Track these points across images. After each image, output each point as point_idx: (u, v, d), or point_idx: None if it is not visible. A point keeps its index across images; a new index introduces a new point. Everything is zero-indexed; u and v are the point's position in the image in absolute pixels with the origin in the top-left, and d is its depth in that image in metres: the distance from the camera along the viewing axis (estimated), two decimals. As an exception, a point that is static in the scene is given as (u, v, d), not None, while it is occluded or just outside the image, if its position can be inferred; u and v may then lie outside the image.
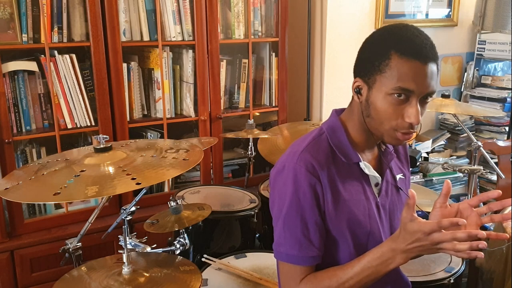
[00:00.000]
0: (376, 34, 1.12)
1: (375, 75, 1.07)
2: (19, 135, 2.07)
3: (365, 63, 1.10)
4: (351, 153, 1.15)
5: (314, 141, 1.14)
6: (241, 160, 2.71)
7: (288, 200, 1.09)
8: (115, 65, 2.16)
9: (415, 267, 1.64)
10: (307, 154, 1.10)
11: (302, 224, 1.09)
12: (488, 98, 3.19)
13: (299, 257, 1.10)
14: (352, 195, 1.14)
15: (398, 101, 1.04)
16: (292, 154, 1.12)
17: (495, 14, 3.09)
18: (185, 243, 1.67)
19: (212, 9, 2.32)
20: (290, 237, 1.10)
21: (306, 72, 2.79)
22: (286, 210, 1.10)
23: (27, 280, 2.09)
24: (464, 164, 2.92)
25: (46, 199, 1.25)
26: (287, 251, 1.11)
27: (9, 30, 1.96)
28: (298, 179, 1.08)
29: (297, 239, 1.10)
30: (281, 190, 1.11)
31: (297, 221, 1.09)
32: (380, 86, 1.06)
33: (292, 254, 1.10)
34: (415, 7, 3.00)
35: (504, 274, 1.94)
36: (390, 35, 1.07)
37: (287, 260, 1.12)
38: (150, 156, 1.37)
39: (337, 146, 1.14)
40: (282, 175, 1.12)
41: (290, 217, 1.10)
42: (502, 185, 2.48)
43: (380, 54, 1.06)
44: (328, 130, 1.17)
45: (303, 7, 2.74)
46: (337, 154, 1.14)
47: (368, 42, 1.12)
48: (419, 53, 1.03)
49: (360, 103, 1.12)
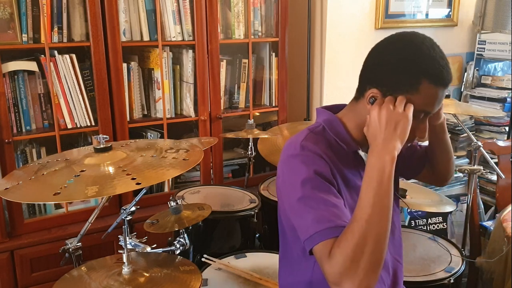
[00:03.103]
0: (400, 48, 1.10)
1: (399, 93, 1.08)
2: (19, 135, 2.07)
3: (388, 78, 1.09)
4: (350, 142, 1.18)
5: (311, 132, 1.16)
6: (241, 160, 2.71)
7: (300, 183, 1.05)
8: (115, 65, 2.16)
9: (415, 267, 1.64)
10: (309, 142, 1.11)
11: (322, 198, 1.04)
12: (488, 98, 3.18)
13: (331, 228, 1.01)
14: (351, 182, 1.16)
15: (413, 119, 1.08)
16: (293, 145, 1.12)
17: (495, 14, 3.09)
18: (185, 243, 1.67)
19: (212, 9, 2.32)
20: (316, 214, 1.03)
21: (306, 72, 2.79)
22: (302, 193, 1.05)
23: (27, 280, 2.09)
24: (464, 164, 2.92)
25: (46, 199, 1.25)
26: (317, 228, 1.01)
27: (9, 30, 1.96)
28: (307, 160, 1.08)
29: (322, 212, 1.03)
30: (292, 179, 1.08)
31: (316, 197, 1.04)
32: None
33: (323, 229, 1.01)
34: (415, 7, 3.00)
35: (504, 274, 1.94)
36: (420, 57, 1.07)
37: (321, 238, 1.01)
38: (150, 156, 1.37)
39: (336, 135, 1.17)
40: (289, 163, 1.10)
41: (308, 196, 1.04)
42: (502, 185, 2.48)
43: (409, 76, 1.07)
44: (326, 122, 1.19)
45: (303, 7, 2.74)
46: (336, 143, 1.16)
47: (393, 56, 1.09)
48: (447, 81, 1.08)
49: None
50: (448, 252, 1.77)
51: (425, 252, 1.77)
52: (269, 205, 2.12)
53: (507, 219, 1.94)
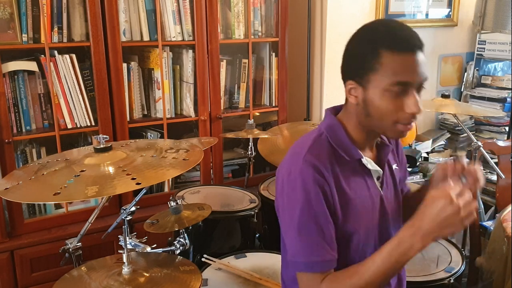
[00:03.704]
0: (358, 35, 1.12)
1: (368, 75, 1.07)
2: (19, 135, 2.07)
3: (354, 65, 1.11)
4: (353, 150, 1.15)
5: (315, 142, 1.14)
6: (241, 160, 2.71)
7: (299, 207, 1.07)
8: (115, 65, 2.15)
9: (415, 267, 1.64)
10: (311, 156, 1.09)
11: (317, 228, 1.06)
12: (488, 98, 3.18)
13: (319, 262, 1.06)
14: (357, 193, 1.14)
15: (396, 95, 1.05)
16: (296, 158, 1.11)
17: (495, 14, 3.09)
18: (185, 243, 1.67)
19: (212, 9, 2.32)
20: (307, 244, 1.07)
21: (306, 72, 2.79)
22: (298, 218, 1.07)
23: (27, 280, 2.10)
24: (464, 164, 2.91)
25: (46, 199, 1.26)
26: (306, 259, 1.07)
27: (9, 30, 1.96)
28: (307, 183, 1.06)
29: (314, 244, 1.07)
30: (291, 198, 1.09)
31: (311, 226, 1.06)
32: (376, 84, 1.06)
33: (311, 261, 1.07)
34: (415, 7, 3.00)
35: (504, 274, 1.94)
36: (374, 33, 1.08)
37: (307, 269, 1.07)
38: (150, 156, 1.37)
39: (338, 145, 1.14)
40: (289, 181, 1.10)
41: (304, 223, 1.07)
42: (502, 185, 2.47)
43: (369, 53, 1.06)
44: (327, 129, 1.17)
45: (303, 7, 2.74)
46: (339, 153, 1.14)
47: (353, 44, 1.12)
48: (407, 44, 1.04)
49: (357, 105, 1.12)
50: (448, 252, 1.77)
51: (425, 252, 1.76)
52: (269, 205, 2.12)
53: (507, 219, 1.93)
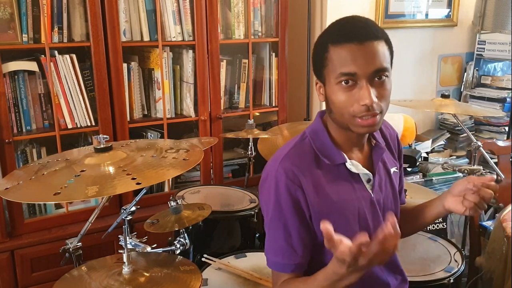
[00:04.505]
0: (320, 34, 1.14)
1: (323, 71, 1.09)
2: (19, 135, 2.08)
3: (314, 64, 1.14)
4: (335, 155, 1.14)
5: (295, 147, 1.16)
6: (241, 160, 2.71)
7: (271, 209, 1.12)
8: (115, 65, 2.16)
9: (415, 267, 1.64)
10: (287, 161, 1.11)
11: (284, 232, 1.11)
12: (488, 98, 3.19)
13: (282, 264, 1.13)
14: (341, 196, 1.14)
15: (347, 88, 1.05)
16: (273, 162, 1.14)
17: (495, 14, 3.09)
18: (185, 243, 1.67)
19: (212, 9, 2.32)
20: (274, 244, 1.14)
21: (306, 72, 2.80)
22: (270, 218, 1.13)
23: (27, 280, 2.10)
24: (464, 164, 2.92)
25: (46, 199, 1.26)
26: (272, 258, 1.14)
27: (9, 30, 1.97)
28: (279, 187, 1.10)
29: (280, 246, 1.12)
30: (265, 199, 1.14)
31: (279, 229, 1.12)
32: (329, 79, 1.08)
33: (275, 261, 1.14)
34: (415, 7, 3.00)
35: (504, 274, 1.94)
36: (326, 30, 1.11)
37: (271, 266, 1.15)
38: (150, 156, 1.37)
39: (320, 149, 1.15)
40: (265, 184, 1.14)
41: (274, 225, 1.13)
42: (502, 185, 2.48)
43: (320, 51, 1.09)
44: (311, 133, 1.17)
45: (303, 7, 2.74)
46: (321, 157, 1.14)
47: (315, 44, 1.15)
48: (350, 35, 1.04)
49: (325, 103, 1.14)
50: (448, 252, 1.77)
51: (425, 252, 1.77)
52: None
53: (507, 219, 1.93)
